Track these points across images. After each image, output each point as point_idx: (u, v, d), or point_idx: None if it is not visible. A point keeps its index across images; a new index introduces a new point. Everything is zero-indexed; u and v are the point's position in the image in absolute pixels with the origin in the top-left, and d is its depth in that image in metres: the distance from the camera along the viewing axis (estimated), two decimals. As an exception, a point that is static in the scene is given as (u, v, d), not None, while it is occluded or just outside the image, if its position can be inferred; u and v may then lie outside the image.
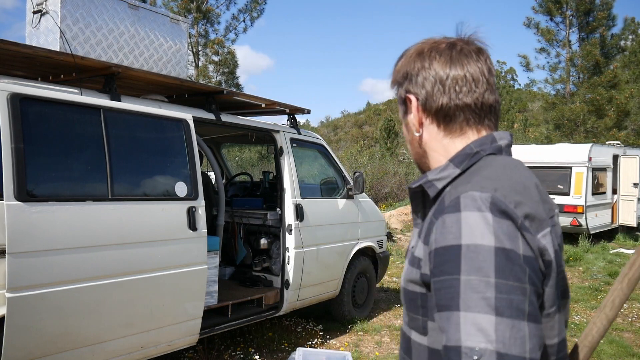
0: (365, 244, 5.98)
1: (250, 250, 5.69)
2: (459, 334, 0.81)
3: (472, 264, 0.84)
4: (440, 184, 1.01)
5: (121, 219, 3.33)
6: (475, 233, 0.86)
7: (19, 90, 2.96)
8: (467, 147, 1.03)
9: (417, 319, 1.01)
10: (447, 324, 0.84)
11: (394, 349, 5.19)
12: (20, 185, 2.85)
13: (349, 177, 5.89)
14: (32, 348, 2.91)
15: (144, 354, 3.60)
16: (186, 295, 3.80)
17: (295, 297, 5.08)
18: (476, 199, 0.89)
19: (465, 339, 0.80)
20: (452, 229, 0.88)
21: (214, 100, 4.59)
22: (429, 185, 1.02)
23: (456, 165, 1.01)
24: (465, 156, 1.02)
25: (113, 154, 3.37)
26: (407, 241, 11.92)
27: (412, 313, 1.02)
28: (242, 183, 7.03)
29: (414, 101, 1.07)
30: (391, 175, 20.00)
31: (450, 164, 1.02)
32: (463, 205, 0.89)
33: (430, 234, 0.95)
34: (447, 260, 0.87)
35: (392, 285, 8.06)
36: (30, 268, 2.86)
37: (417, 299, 1.00)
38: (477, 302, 0.81)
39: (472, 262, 0.84)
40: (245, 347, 4.97)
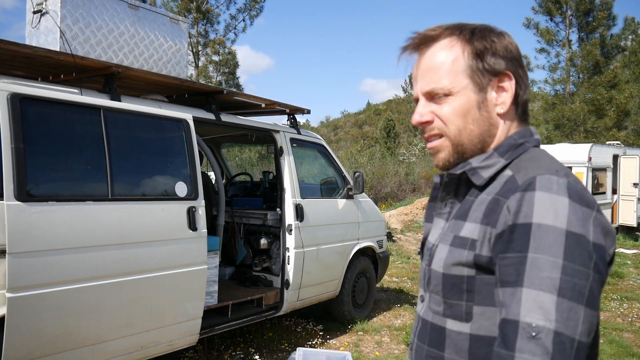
0: (365, 244, 5.98)
1: (250, 250, 5.69)
2: (519, 309, 0.84)
3: (542, 243, 0.86)
4: (487, 173, 1.04)
5: (121, 219, 3.33)
6: (549, 214, 0.87)
7: (19, 90, 2.96)
8: (510, 138, 1.06)
9: (458, 305, 1.01)
10: (510, 299, 0.87)
11: (394, 348, 5.19)
12: (20, 185, 2.85)
13: (349, 177, 5.89)
14: (32, 348, 2.91)
15: (144, 354, 3.60)
16: (186, 295, 3.80)
17: (295, 297, 5.08)
18: (553, 181, 0.91)
19: (524, 314, 0.84)
20: (526, 208, 0.90)
21: (214, 100, 4.59)
22: (473, 173, 1.05)
23: (500, 154, 1.05)
24: (509, 146, 1.05)
25: (113, 153, 3.37)
26: (407, 241, 11.93)
27: (452, 299, 1.01)
28: (242, 183, 7.03)
29: (513, 81, 1.06)
30: (391, 175, 20.01)
31: (494, 153, 1.05)
32: (539, 185, 0.91)
33: (493, 214, 0.96)
34: (517, 238, 0.89)
35: (392, 285, 8.06)
36: (31, 268, 2.86)
37: (463, 283, 0.99)
38: (543, 280, 0.84)
39: (542, 241, 0.86)
40: (246, 347, 4.97)
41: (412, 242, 11.89)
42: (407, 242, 11.88)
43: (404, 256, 10.50)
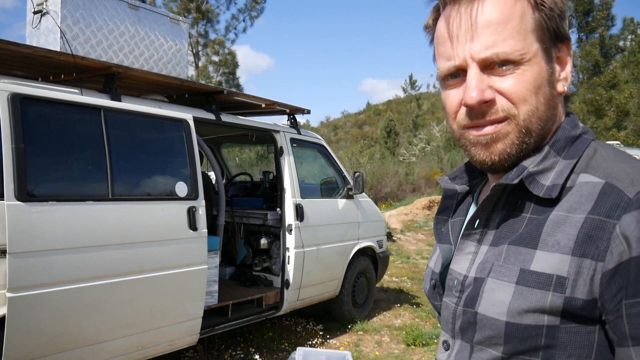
0: (365, 243, 5.98)
1: (251, 250, 5.69)
2: None
3: None
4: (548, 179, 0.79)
5: (121, 219, 3.33)
6: None
7: (19, 91, 2.96)
8: (563, 129, 0.83)
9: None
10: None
11: (394, 348, 5.19)
12: (20, 185, 2.85)
13: (349, 177, 5.89)
14: (32, 348, 2.92)
15: (144, 354, 3.60)
16: (186, 295, 3.80)
17: (295, 297, 5.08)
18: None
19: None
20: None
21: (214, 100, 4.60)
22: (531, 180, 0.80)
23: (557, 152, 0.82)
24: (566, 140, 0.82)
25: (113, 154, 3.37)
26: (407, 241, 11.93)
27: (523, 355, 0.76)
28: (242, 183, 7.03)
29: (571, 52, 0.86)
30: (391, 175, 20.02)
31: (550, 151, 0.82)
32: None
33: (595, 242, 0.70)
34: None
35: (392, 285, 8.06)
36: (31, 268, 2.87)
37: (540, 336, 0.74)
38: None
39: None
40: (246, 347, 4.97)
41: (412, 242, 11.89)
42: (407, 242, 11.89)
43: (404, 256, 10.50)
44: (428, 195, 17.68)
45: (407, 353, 5.06)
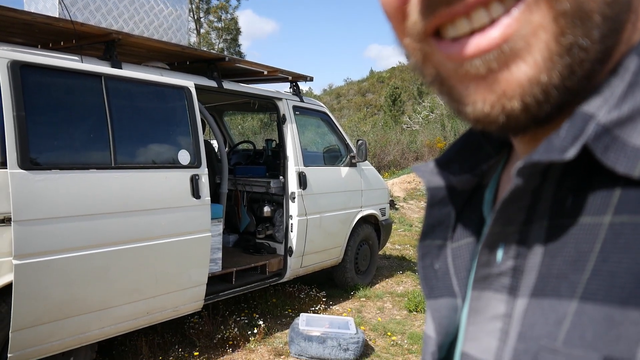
0: (368, 211, 6.00)
1: (254, 218, 5.73)
2: None
3: None
4: None
5: (124, 187, 3.34)
6: None
7: (19, 58, 2.93)
8: None
9: None
10: None
11: (396, 314, 5.26)
12: (23, 154, 2.85)
13: (352, 145, 5.87)
14: (39, 314, 2.96)
15: (149, 319, 3.67)
16: (190, 262, 3.84)
17: (298, 264, 5.13)
18: None
19: None
20: None
21: (216, 68, 4.55)
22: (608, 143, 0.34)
23: None
24: None
25: (115, 122, 3.36)
26: (410, 209, 11.97)
27: None
28: (245, 151, 7.02)
29: None
30: (394, 143, 19.94)
31: None
32: None
33: None
34: None
35: (395, 252, 8.13)
36: (36, 236, 2.89)
37: None
38: None
39: None
40: (250, 313, 5.05)
41: (415, 210, 11.93)
42: (409, 210, 11.93)
43: (407, 224, 10.56)
44: (431, 163, 17.62)
45: (409, 319, 5.13)
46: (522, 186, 0.37)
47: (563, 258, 0.36)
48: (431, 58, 0.40)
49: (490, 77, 0.36)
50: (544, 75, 0.35)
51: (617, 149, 0.34)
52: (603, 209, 0.35)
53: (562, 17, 0.34)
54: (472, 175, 0.51)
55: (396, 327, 4.85)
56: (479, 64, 0.36)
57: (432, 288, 0.50)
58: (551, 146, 0.35)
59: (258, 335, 4.45)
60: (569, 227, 0.36)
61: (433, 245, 0.51)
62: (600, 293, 0.33)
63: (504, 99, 0.36)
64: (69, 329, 3.14)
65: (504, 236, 0.40)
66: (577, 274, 0.34)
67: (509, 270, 0.40)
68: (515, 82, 0.35)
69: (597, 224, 0.34)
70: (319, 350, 4.02)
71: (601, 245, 0.34)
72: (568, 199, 0.37)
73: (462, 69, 0.38)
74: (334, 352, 4.01)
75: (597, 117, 0.35)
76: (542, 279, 0.37)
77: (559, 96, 0.36)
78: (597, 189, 0.36)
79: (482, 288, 0.42)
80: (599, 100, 0.35)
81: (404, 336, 4.65)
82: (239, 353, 4.20)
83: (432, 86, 0.42)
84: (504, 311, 0.40)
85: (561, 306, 0.35)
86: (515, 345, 0.38)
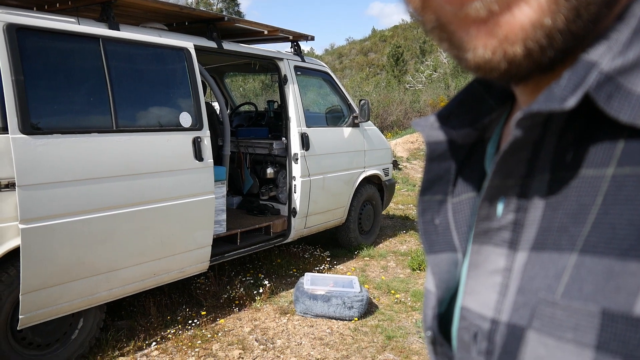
0: (371, 171, 6.01)
1: (257, 179, 5.74)
2: None
3: None
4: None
5: (127, 150, 3.34)
6: None
7: (15, 21, 2.88)
8: None
9: None
10: None
11: (400, 273, 5.33)
12: (24, 118, 2.84)
13: (355, 105, 5.82)
14: (47, 276, 3.01)
15: (156, 280, 3.72)
16: (195, 224, 3.87)
17: (302, 224, 5.17)
18: None
19: None
20: None
21: (215, 28, 4.47)
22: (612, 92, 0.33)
23: None
24: None
25: (115, 85, 3.33)
26: (413, 169, 11.98)
27: None
28: (247, 113, 6.98)
29: None
30: (397, 103, 19.79)
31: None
32: None
33: None
34: None
35: (398, 212, 8.17)
36: (41, 200, 2.91)
37: None
38: None
39: None
40: (255, 273, 5.12)
41: (418, 170, 11.93)
42: (412, 169, 11.93)
43: (410, 184, 10.58)
44: (434, 122, 17.54)
45: (413, 277, 5.20)
46: (521, 138, 0.36)
47: (564, 211, 0.35)
48: (430, 2, 0.38)
49: (492, 21, 0.35)
50: (548, 18, 0.33)
51: (620, 98, 0.32)
52: (606, 160, 0.34)
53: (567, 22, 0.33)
54: (473, 129, 0.49)
55: (399, 285, 4.92)
56: (479, 7, 0.34)
57: (433, 243, 0.49)
58: (551, 95, 0.34)
59: (264, 294, 4.52)
60: (570, 180, 0.36)
61: (433, 200, 0.50)
62: (600, 245, 0.32)
63: (506, 44, 0.35)
64: (77, 291, 3.19)
65: (504, 189, 0.39)
66: (578, 227, 0.34)
67: (509, 224, 0.39)
68: (517, 26, 0.34)
69: (600, 177, 0.34)
70: (323, 308, 4.09)
71: (603, 197, 0.33)
72: (570, 150, 0.36)
73: (461, 12, 0.36)
74: (338, 310, 4.09)
75: (600, 64, 0.33)
76: (543, 232, 0.36)
77: (564, 41, 0.34)
78: (601, 140, 0.34)
79: (482, 242, 0.42)
80: (602, 48, 0.34)
81: (407, 294, 4.72)
82: (245, 312, 4.28)
83: (432, 33, 0.40)
84: (504, 265, 0.40)
85: (561, 259, 0.34)
86: (515, 299, 0.38)
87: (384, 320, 4.16)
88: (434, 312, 0.48)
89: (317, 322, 4.10)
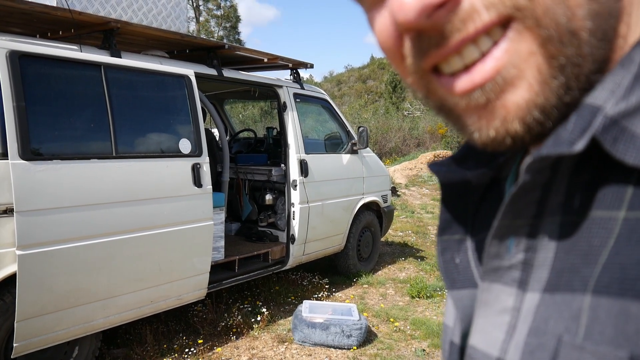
0: (370, 198, 6.00)
1: (256, 206, 5.73)
2: None
3: None
4: None
5: (126, 177, 3.34)
6: None
7: (17, 48, 2.91)
8: None
9: None
10: None
11: (399, 300, 5.28)
12: (24, 144, 2.84)
13: (353, 132, 5.86)
14: (45, 303, 2.98)
15: (153, 307, 3.68)
16: (193, 251, 3.85)
17: (301, 251, 5.14)
18: None
19: None
20: None
21: (216, 56, 4.53)
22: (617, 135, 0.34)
23: None
24: None
25: (115, 111, 3.35)
26: (412, 196, 11.98)
27: None
28: (246, 139, 7.01)
29: None
30: (395, 130, 19.90)
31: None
32: None
33: None
34: None
35: (397, 239, 8.14)
36: (38, 226, 2.89)
37: None
38: None
39: None
40: (253, 301, 5.07)
41: (417, 197, 11.93)
42: (411, 196, 11.93)
43: (409, 210, 10.56)
44: (433, 149, 17.63)
45: (412, 305, 5.15)
46: (530, 181, 0.38)
47: (576, 253, 0.36)
48: (434, 92, 0.41)
49: (490, 106, 0.38)
50: (540, 97, 0.36)
51: (626, 140, 0.34)
52: (617, 203, 0.35)
53: (549, 42, 0.35)
54: (488, 169, 0.51)
55: (399, 313, 4.87)
56: (477, 96, 0.38)
57: (454, 281, 0.50)
58: (559, 139, 0.36)
59: (261, 322, 4.47)
60: (582, 222, 0.36)
61: (452, 239, 0.51)
62: (613, 286, 0.32)
63: (507, 123, 0.38)
64: (73, 318, 3.15)
65: (514, 229, 0.40)
66: (589, 268, 0.34)
67: (519, 263, 0.40)
68: (513, 107, 0.37)
69: (611, 219, 0.34)
70: (322, 336, 4.04)
71: (615, 240, 0.34)
72: (581, 193, 0.37)
73: (463, 102, 0.39)
74: (337, 338, 4.03)
75: (604, 108, 0.35)
76: (556, 274, 0.37)
77: (559, 112, 0.37)
78: (610, 182, 0.35)
79: (492, 280, 0.42)
80: (605, 92, 0.36)
81: (406, 322, 4.67)
82: (243, 340, 4.23)
83: (440, 115, 0.43)
84: (513, 305, 0.40)
85: (575, 300, 0.35)
86: (526, 340, 0.38)
87: (383, 349, 4.11)
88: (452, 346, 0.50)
89: (315, 351, 4.04)
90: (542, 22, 0.34)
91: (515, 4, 0.34)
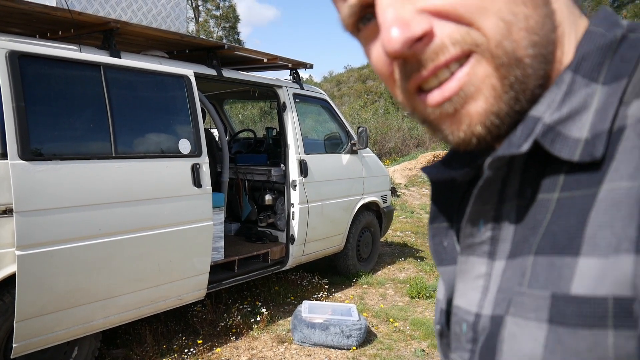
0: (369, 198, 6.00)
1: (255, 206, 5.73)
2: None
3: None
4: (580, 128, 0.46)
5: (126, 177, 3.34)
6: None
7: (17, 48, 2.91)
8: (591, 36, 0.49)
9: None
10: None
11: (398, 301, 5.28)
12: (23, 145, 2.84)
13: (353, 132, 5.86)
14: (44, 303, 2.98)
15: (153, 308, 3.68)
16: (193, 251, 3.85)
17: (300, 251, 5.14)
18: None
19: None
20: None
21: (215, 56, 4.53)
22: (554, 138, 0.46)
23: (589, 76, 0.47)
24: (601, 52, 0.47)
25: (115, 111, 3.35)
26: (411, 196, 11.97)
27: None
28: (246, 139, 7.01)
29: None
30: (395, 130, 19.90)
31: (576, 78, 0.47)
32: None
33: None
34: None
35: (396, 239, 8.14)
36: (38, 226, 2.89)
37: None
38: None
39: None
40: (252, 301, 5.07)
41: (416, 197, 11.93)
42: (411, 196, 11.93)
43: (408, 210, 10.56)
44: (432, 150, 17.62)
45: (411, 305, 5.15)
46: (492, 176, 0.50)
47: (528, 227, 0.48)
48: (418, 108, 0.53)
49: (458, 114, 0.49)
50: (495, 106, 0.47)
51: (561, 141, 0.46)
52: (553, 187, 0.47)
53: (501, 66, 0.46)
54: (470, 168, 0.61)
55: (398, 314, 4.87)
56: (447, 106, 0.49)
57: (442, 259, 0.62)
58: (511, 143, 0.47)
59: (261, 322, 4.47)
60: (531, 204, 0.49)
61: (441, 227, 0.63)
62: (546, 248, 0.45)
63: (472, 127, 0.49)
64: (73, 319, 3.15)
65: (482, 213, 0.53)
66: (534, 237, 0.47)
67: (488, 239, 0.52)
68: (475, 114, 0.48)
69: (549, 200, 0.47)
70: (321, 337, 4.04)
71: (551, 214, 0.46)
72: (530, 182, 0.50)
73: (437, 112, 0.50)
74: (336, 338, 4.03)
75: (543, 118, 0.47)
76: (515, 244, 0.50)
77: (512, 118, 0.48)
78: (550, 173, 0.48)
79: (468, 254, 0.54)
80: (543, 106, 0.47)
81: (406, 322, 4.67)
82: (242, 340, 4.23)
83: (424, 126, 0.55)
84: (485, 271, 0.52)
85: (525, 261, 0.47)
86: (496, 296, 0.50)
87: (382, 350, 4.11)
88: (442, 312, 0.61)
89: (315, 351, 4.04)
90: (494, 53, 0.46)
91: (474, 41, 0.46)
